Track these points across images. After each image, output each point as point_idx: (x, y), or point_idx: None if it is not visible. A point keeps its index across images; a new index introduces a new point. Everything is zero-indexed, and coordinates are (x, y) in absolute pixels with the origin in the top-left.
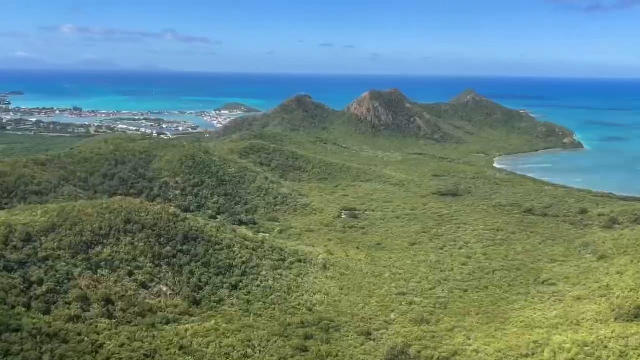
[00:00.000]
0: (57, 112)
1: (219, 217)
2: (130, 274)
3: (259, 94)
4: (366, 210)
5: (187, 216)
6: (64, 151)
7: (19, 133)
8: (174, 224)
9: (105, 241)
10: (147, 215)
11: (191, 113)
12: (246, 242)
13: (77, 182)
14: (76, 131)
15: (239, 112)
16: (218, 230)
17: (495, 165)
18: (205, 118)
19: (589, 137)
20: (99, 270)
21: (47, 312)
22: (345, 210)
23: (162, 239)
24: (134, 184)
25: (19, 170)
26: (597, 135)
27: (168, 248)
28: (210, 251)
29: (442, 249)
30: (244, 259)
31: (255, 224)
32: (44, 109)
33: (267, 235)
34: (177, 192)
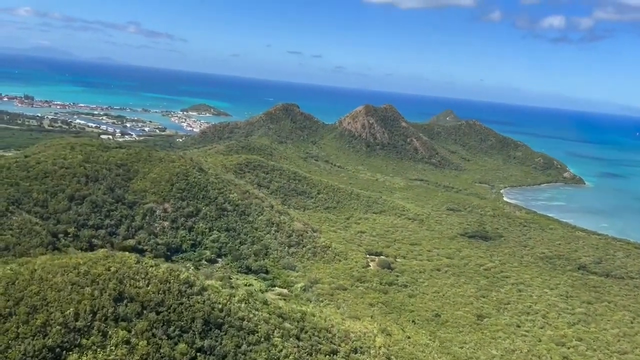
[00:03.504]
0: (5, 99)
1: (219, 260)
2: None
3: (224, 96)
4: (397, 257)
5: (205, 283)
6: (16, 158)
7: None
8: (188, 299)
9: (85, 340)
10: (147, 286)
11: (156, 112)
12: (286, 325)
13: (33, 207)
14: (27, 123)
15: (208, 115)
16: (247, 304)
17: (505, 198)
18: (172, 119)
19: (583, 172)
20: None
21: None
22: (371, 255)
23: (173, 329)
24: (111, 210)
25: None
26: (590, 170)
27: (182, 346)
28: (243, 347)
29: (519, 326)
30: (290, 358)
31: (267, 272)
32: None
33: (285, 290)
34: (166, 223)
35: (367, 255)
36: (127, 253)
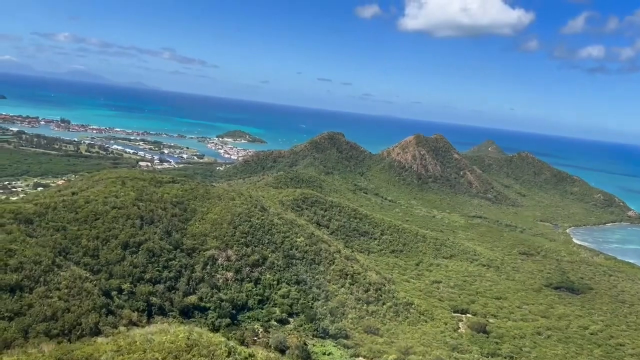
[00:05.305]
0: (43, 122)
1: (291, 320)
2: None
3: (257, 122)
4: (487, 316)
5: None
6: (63, 197)
7: None
8: None
9: None
10: None
11: (192, 138)
12: None
13: (82, 257)
14: (64, 148)
15: (243, 141)
16: None
17: (574, 240)
18: (209, 145)
19: None
20: None
21: None
22: (456, 312)
23: None
24: (169, 260)
25: None
26: None
27: None
28: None
29: None
30: None
31: (347, 337)
32: (27, 117)
33: None
34: (229, 274)
35: (454, 314)
36: (212, 336)
